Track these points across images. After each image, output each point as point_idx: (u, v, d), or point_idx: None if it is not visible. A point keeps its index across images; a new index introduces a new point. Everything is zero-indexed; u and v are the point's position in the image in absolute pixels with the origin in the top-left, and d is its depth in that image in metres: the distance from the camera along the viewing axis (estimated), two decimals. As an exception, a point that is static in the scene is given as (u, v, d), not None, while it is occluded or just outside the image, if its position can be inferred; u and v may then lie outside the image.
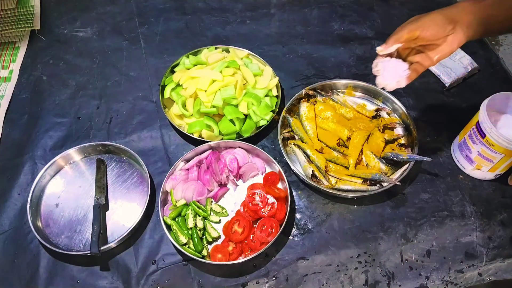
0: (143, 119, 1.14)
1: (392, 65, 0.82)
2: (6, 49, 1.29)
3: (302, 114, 1.08)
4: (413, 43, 0.81)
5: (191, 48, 1.21)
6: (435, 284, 0.89)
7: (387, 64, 0.82)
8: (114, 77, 1.23)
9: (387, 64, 0.82)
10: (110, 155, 1.06)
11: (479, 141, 0.91)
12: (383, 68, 0.82)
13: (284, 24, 1.36)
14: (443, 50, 0.79)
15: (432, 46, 0.80)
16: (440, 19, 0.77)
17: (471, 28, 0.78)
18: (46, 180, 1.01)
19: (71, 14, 1.39)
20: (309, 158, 1.01)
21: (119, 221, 0.96)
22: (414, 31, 0.77)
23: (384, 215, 0.97)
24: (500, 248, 0.92)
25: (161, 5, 1.41)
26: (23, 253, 0.93)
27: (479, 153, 0.93)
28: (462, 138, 0.99)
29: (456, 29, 0.77)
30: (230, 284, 0.89)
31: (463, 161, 1.00)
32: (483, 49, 1.26)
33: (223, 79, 1.06)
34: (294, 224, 0.96)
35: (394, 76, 0.82)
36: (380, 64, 0.82)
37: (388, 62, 0.82)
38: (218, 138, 1.06)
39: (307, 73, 1.23)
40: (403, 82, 0.82)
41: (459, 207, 0.97)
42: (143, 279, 0.89)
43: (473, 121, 0.93)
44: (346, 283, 0.89)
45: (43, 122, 1.14)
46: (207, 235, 0.92)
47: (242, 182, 1.02)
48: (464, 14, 0.78)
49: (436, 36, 0.77)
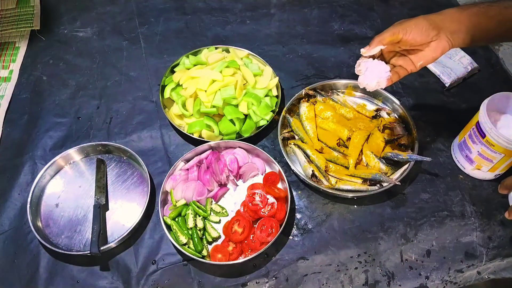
0: (143, 119, 1.14)
1: (374, 65, 0.83)
2: (6, 49, 1.29)
3: (302, 114, 1.08)
4: (397, 47, 0.82)
5: (191, 48, 1.21)
6: (434, 284, 0.89)
7: (370, 64, 0.83)
8: (114, 77, 1.23)
9: (370, 65, 0.83)
10: (110, 155, 1.06)
11: (479, 141, 0.91)
12: (365, 68, 0.83)
13: (284, 24, 1.36)
14: (426, 56, 0.80)
15: (415, 51, 0.80)
16: (424, 24, 0.77)
17: (456, 35, 0.78)
18: (46, 180, 1.01)
19: (71, 14, 1.39)
20: (309, 158, 1.01)
21: (119, 221, 0.96)
22: (397, 34, 0.77)
23: (384, 215, 0.97)
24: (500, 248, 0.92)
25: (161, 5, 1.41)
26: (23, 253, 0.93)
27: (479, 153, 0.93)
28: (462, 138, 0.99)
29: (440, 35, 0.77)
30: (230, 284, 0.89)
31: (463, 161, 1.00)
32: (483, 49, 1.26)
33: (223, 79, 1.06)
34: (294, 224, 0.96)
35: (375, 77, 0.83)
36: (363, 64, 0.83)
37: (370, 62, 0.83)
38: (218, 138, 1.06)
39: (307, 73, 1.23)
40: (383, 83, 0.82)
41: (459, 207, 0.97)
42: (143, 279, 0.89)
43: (473, 121, 0.93)
44: (346, 283, 0.89)
45: (43, 122, 1.14)
46: (207, 235, 0.92)
47: (242, 182, 1.02)
48: (448, 21, 0.78)
49: (419, 41, 0.78)
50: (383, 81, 0.82)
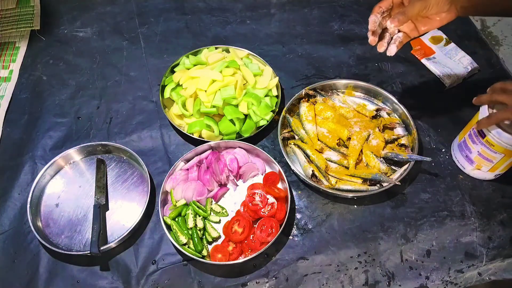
0: (143, 119, 1.14)
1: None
2: (6, 49, 1.29)
3: (302, 114, 1.08)
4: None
5: (191, 48, 1.21)
6: (435, 284, 0.89)
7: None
8: (114, 77, 1.23)
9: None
10: (110, 155, 1.06)
11: (479, 141, 0.91)
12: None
13: (284, 24, 1.36)
14: (433, 25, 0.89)
15: (424, 19, 0.88)
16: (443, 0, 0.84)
17: (464, 8, 0.86)
18: (46, 180, 1.01)
19: (71, 14, 1.39)
20: (309, 158, 1.01)
21: (119, 221, 0.96)
22: (421, 11, 0.83)
23: (384, 215, 0.97)
24: (500, 248, 0.92)
25: (161, 5, 1.41)
26: (23, 253, 0.93)
27: (479, 153, 0.93)
28: (462, 138, 0.99)
29: (451, 7, 0.85)
30: (230, 284, 0.89)
31: (463, 161, 1.00)
32: (483, 49, 1.26)
33: (223, 79, 1.06)
34: (294, 224, 0.96)
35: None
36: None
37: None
38: (218, 138, 1.06)
39: (307, 73, 1.23)
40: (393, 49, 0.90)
41: (459, 207, 0.97)
42: (143, 279, 0.89)
43: (473, 121, 0.93)
44: (346, 283, 0.89)
45: (43, 122, 1.14)
46: (207, 235, 0.92)
47: (242, 182, 1.02)
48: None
49: (433, 14, 0.85)
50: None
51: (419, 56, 1.24)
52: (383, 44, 0.90)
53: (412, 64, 1.23)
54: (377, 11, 0.88)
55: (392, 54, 0.90)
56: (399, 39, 0.90)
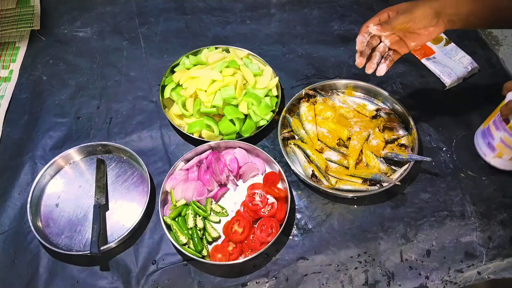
0: (143, 119, 1.14)
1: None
2: (6, 49, 1.29)
3: (302, 114, 1.08)
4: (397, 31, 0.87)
5: (191, 48, 1.21)
6: (434, 284, 0.89)
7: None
8: (114, 77, 1.23)
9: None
10: (110, 155, 1.06)
11: (503, 128, 0.90)
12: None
13: (284, 24, 1.36)
14: (422, 40, 0.86)
15: (413, 35, 0.86)
16: (429, 13, 0.82)
17: (452, 21, 0.84)
18: (46, 180, 1.01)
19: (71, 14, 1.39)
20: (309, 158, 1.01)
21: (119, 221, 0.96)
22: (407, 23, 0.82)
23: (384, 215, 0.97)
24: (500, 248, 0.92)
25: (161, 5, 1.41)
26: (23, 253, 0.93)
27: (502, 140, 0.92)
28: (486, 124, 0.97)
29: (439, 21, 0.83)
30: (230, 284, 0.89)
31: (485, 148, 0.99)
32: (483, 49, 1.26)
33: (223, 79, 1.06)
34: (294, 224, 0.96)
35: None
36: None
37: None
38: (218, 138, 1.06)
39: (307, 73, 1.23)
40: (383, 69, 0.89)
41: (459, 207, 0.97)
42: (143, 279, 0.89)
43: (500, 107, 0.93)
44: (346, 283, 0.89)
45: (43, 122, 1.14)
46: (207, 235, 0.92)
47: (242, 182, 1.02)
48: (448, 7, 0.83)
49: (421, 28, 0.84)
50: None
51: (419, 56, 1.24)
52: (371, 65, 0.88)
53: (412, 64, 1.23)
54: (365, 30, 0.86)
55: (382, 74, 0.89)
56: (390, 58, 0.88)
